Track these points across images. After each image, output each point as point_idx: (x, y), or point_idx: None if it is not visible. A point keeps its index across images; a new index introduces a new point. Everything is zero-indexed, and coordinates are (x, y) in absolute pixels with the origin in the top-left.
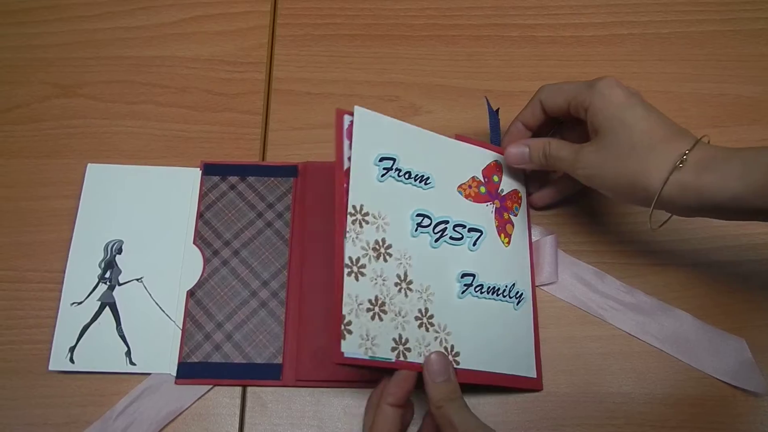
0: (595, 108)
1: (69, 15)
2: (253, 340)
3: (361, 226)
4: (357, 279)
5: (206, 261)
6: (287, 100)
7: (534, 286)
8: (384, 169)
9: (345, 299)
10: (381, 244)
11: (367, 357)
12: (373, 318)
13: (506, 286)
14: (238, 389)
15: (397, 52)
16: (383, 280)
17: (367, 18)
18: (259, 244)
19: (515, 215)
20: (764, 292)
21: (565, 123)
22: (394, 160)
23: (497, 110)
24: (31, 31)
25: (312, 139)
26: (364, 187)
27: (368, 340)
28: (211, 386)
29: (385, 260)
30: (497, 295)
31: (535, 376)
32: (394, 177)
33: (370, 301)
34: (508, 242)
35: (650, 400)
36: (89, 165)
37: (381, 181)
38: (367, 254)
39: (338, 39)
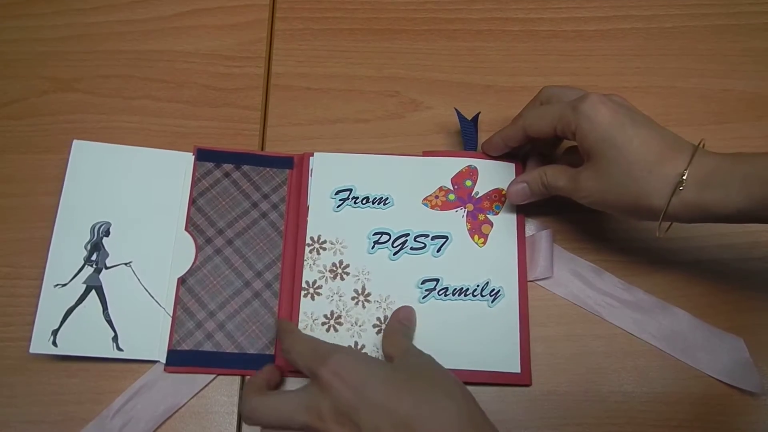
0: (582, 132)
1: (66, 8)
2: (246, 330)
3: (318, 253)
4: (313, 299)
5: (199, 248)
6: (286, 95)
7: (524, 282)
8: (340, 200)
9: (301, 317)
10: (338, 265)
11: None
12: (328, 330)
13: (477, 286)
14: (236, 384)
15: (397, 47)
16: (339, 296)
17: (366, 12)
18: (253, 234)
19: (495, 214)
20: (765, 290)
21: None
22: (350, 190)
23: (478, 114)
24: (28, 25)
25: (311, 135)
26: (321, 219)
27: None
28: (208, 381)
29: (342, 279)
30: (465, 295)
31: (519, 371)
32: (350, 205)
33: (325, 315)
34: (484, 242)
35: (651, 399)
36: (75, 141)
37: (337, 211)
38: (324, 276)
39: (338, 33)
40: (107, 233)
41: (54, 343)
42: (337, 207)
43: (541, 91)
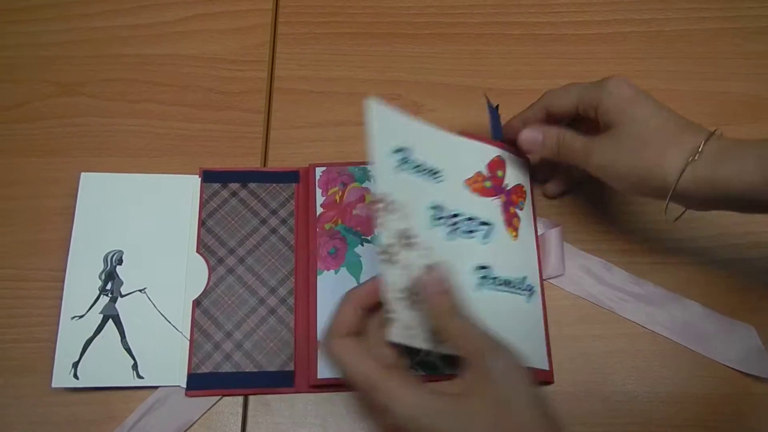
0: (605, 105)
1: (70, 13)
2: (264, 348)
3: (389, 214)
4: (391, 265)
5: (211, 269)
6: (289, 98)
7: (542, 280)
8: (399, 160)
9: (385, 287)
10: (406, 233)
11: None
12: (407, 308)
13: (518, 279)
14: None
15: (399, 50)
16: (410, 271)
17: (369, 16)
18: (264, 251)
19: (521, 209)
20: None
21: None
22: (407, 152)
23: (497, 106)
24: (32, 30)
25: (314, 138)
26: (386, 176)
27: (411, 328)
28: (219, 397)
29: (409, 250)
30: (511, 287)
31: (548, 368)
32: (408, 169)
33: (403, 290)
34: (516, 236)
35: (652, 399)
36: (83, 174)
37: (398, 171)
38: (394, 244)
39: (340, 37)
40: (120, 261)
41: (75, 376)
42: (398, 167)
43: (544, 94)
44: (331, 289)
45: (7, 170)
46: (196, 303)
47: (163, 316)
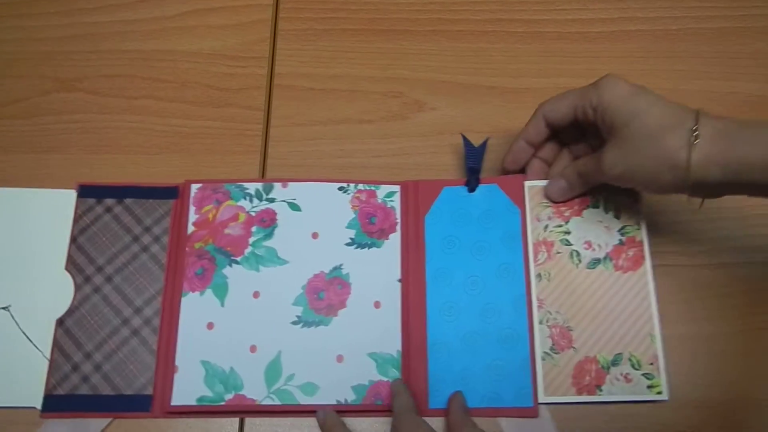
0: (603, 104)
1: (69, 8)
2: (123, 371)
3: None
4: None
5: (77, 288)
6: (289, 95)
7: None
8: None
9: None
10: None
11: None
12: None
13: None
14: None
15: (401, 48)
16: None
17: (370, 13)
18: (133, 269)
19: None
20: None
21: (569, 138)
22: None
23: (486, 140)
24: (31, 25)
25: (314, 135)
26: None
27: None
28: (104, 426)
29: None
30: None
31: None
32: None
33: None
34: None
35: None
36: None
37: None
38: None
39: (341, 34)
40: None
41: None
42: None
43: (539, 106)
44: (195, 311)
45: (5, 167)
46: (59, 322)
47: (25, 335)
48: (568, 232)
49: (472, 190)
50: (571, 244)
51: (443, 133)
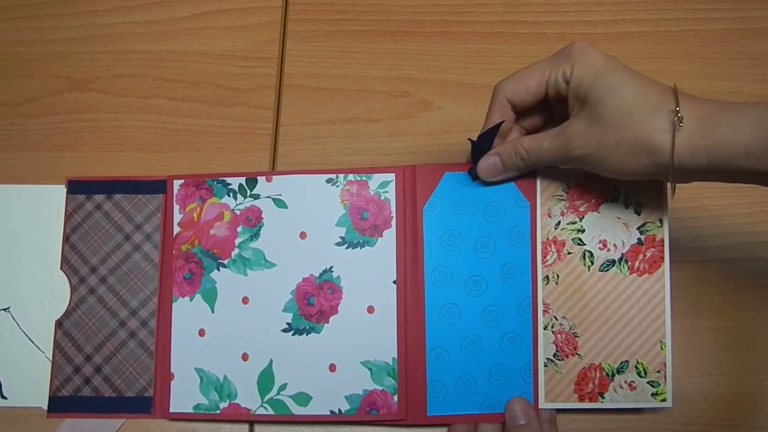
0: (579, 77)
1: (82, 9)
2: (123, 373)
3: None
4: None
5: (73, 289)
6: (298, 95)
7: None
8: None
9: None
10: None
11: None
12: None
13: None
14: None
15: (407, 48)
16: None
17: (377, 14)
18: (126, 269)
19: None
20: None
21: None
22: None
23: (500, 123)
24: (44, 26)
25: (323, 134)
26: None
27: None
28: (118, 427)
29: None
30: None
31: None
32: None
33: None
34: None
35: None
36: None
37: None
38: None
39: (349, 35)
40: None
41: None
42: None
43: (496, 89)
44: (186, 318)
45: (18, 165)
46: (58, 324)
47: (26, 335)
48: (581, 230)
49: (476, 177)
50: (584, 244)
51: (450, 131)
